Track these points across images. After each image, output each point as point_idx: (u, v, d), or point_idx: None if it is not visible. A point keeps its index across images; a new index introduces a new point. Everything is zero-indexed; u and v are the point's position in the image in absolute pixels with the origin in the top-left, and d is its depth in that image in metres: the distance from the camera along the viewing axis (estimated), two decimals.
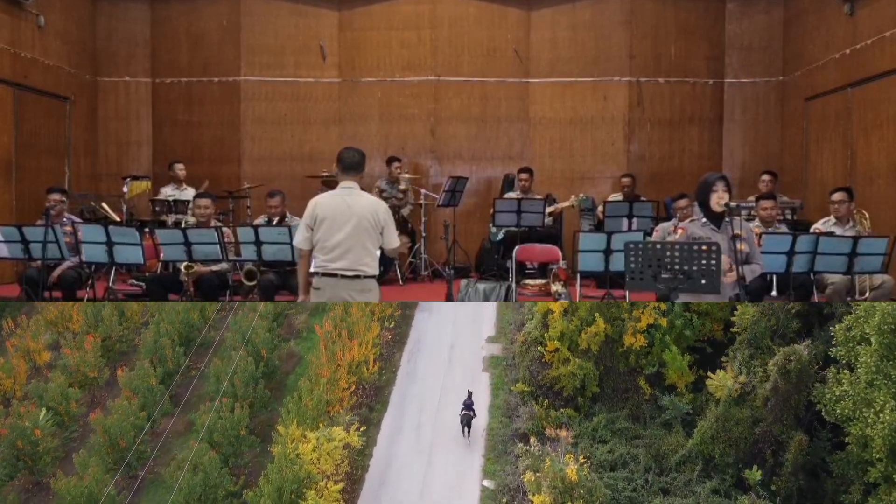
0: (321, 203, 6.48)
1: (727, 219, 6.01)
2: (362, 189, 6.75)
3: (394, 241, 6.63)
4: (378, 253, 6.63)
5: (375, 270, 6.53)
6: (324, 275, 6.42)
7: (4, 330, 13.31)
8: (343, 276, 6.38)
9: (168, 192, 12.65)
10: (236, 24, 14.43)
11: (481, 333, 14.20)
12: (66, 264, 9.58)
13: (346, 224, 6.38)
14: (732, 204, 5.99)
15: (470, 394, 11.60)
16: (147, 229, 10.60)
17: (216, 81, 14.59)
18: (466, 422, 11.58)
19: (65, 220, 9.93)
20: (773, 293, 9.20)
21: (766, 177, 11.80)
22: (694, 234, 6.01)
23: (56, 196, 9.99)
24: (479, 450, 11.44)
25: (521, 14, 14.45)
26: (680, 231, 6.18)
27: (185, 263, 9.23)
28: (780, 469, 9.52)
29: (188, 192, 12.30)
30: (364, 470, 11.01)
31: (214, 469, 9.83)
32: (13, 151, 12.21)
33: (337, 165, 6.59)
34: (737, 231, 6.02)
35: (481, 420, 11.83)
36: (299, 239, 6.56)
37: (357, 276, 6.41)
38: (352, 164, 6.54)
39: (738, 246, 5.90)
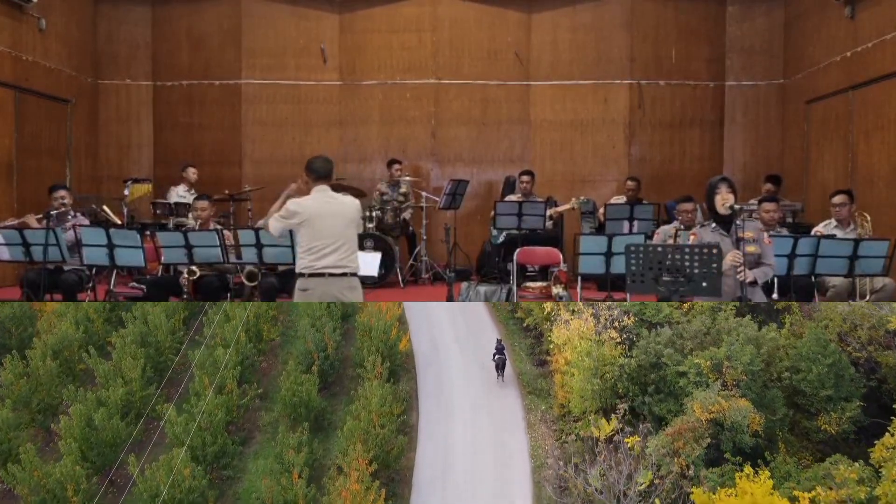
0: (304, 205, 6.63)
1: (737, 222, 6.04)
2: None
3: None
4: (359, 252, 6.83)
5: (359, 269, 6.73)
6: (311, 275, 6.56)
7: None
8: (331, 275, 6.53)
9: (180, 192, 12.80)
10: (237, 27, 14.44)
11: None
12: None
13: (334, 219, 6.58)
14: (737, 206, 6.01)
15: (499, 339, 13.15)
16: (148, 232, 10.60)
17: (217, 84, 14.60)
18: (500, 364, 13.14)
19: (70, 215, 9.95)
20: (775, 295, 9.19)
21: (768, 185, 11.83)
22: (703, 240, 6.04)
23: (61, 192, 10.03)
24: None
25: (522, 16, 14.46)
26: (692, 237, 6.25)
27: (187, 269, 9.23)
28: None
29: None
30: None
31: None
32: (14, 154, 12.22)
33: (308, 174, 6.74)
34: (748, 233, 6.06)
35: None
36: (278, 227, 6.67)
37: (344, 275, 6.59)
38: (325, 172, 6.74)
39: (745, 249, 5.93)
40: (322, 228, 6.52)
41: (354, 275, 6.65)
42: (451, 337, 15.66)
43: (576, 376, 11.72)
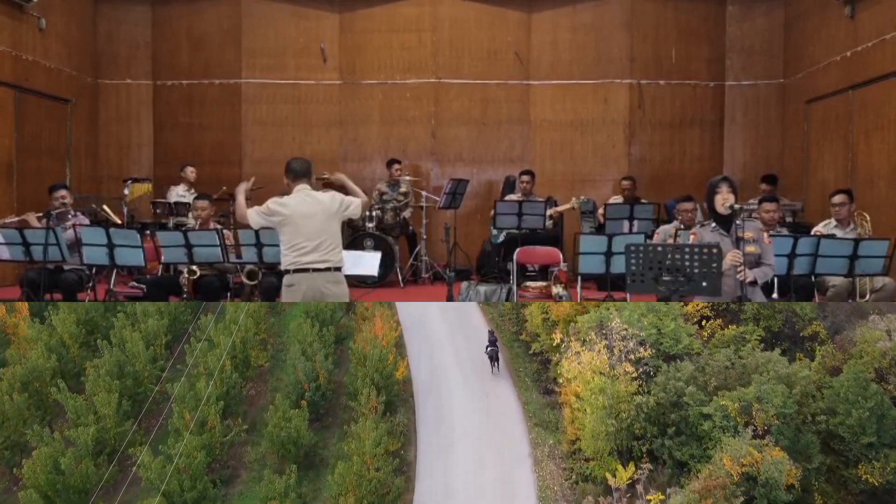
0: (286, 204, 6.81)
1: (737, 222, 6.05)
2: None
3: (359, 198, 7.14)
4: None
5: (342, 265, 6.88)
6: (296, 271, 6.73)
7: None
8: (315, 270, 6.71)
9: (180, 192, 12.82)
10: (237, 27, 14.45)
11: None
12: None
13: (314, 217, 6.79)
14: (736, 206, 6.02)
15: (491, 331, 13.48)
16: (148, 231, 10.60)
17: (217, 83, 14.61)
18: (494, 355, 13.49)
19: (70, 215, 9.95)
20: (775, 295, 9.19)
21: (764, 185, 11.85)
22: (703, 240, 6.05)
23: (62, 192, 10.05)
24: None
25: (522, 16, 14.46)
26: (693, 237, 6.26)
27: (187, 268, 9.23)
28: None
29: None
30: None
31: None
32: (14, 153, 12.22)
33: (288, 175, 6.99)
34: (748, 233, 6.06)
35: None
36: (258, 221, 6.87)
37: (328, 269, 6.75)
38: (304, 172, 6.99)
39: (745, 249, 5.93)
40: (303, 227, 6.73)
41: (338, 269, 6.82)
42: (452, 361, 15.15)
43: (588, 414, 10.80)
